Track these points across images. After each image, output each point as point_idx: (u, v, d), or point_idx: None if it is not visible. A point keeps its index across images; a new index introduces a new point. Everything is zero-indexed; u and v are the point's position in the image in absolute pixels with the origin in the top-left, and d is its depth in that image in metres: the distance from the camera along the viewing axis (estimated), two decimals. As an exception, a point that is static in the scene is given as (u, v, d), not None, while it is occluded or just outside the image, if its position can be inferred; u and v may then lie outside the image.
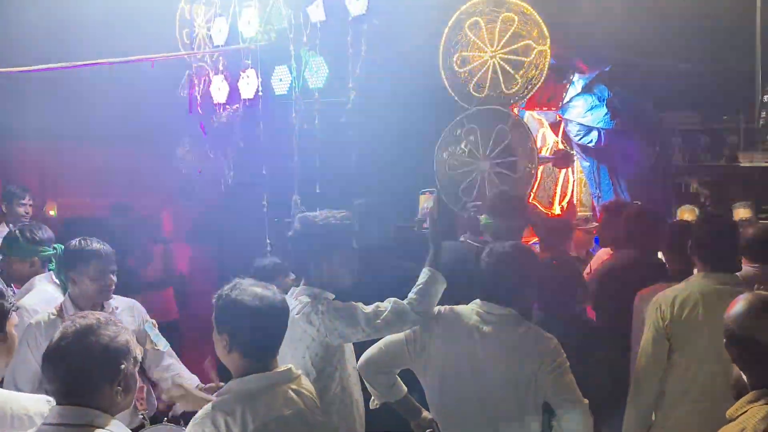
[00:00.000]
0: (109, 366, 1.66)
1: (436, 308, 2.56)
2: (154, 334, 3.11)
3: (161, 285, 5.24)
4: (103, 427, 1.63)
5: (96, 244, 2.96)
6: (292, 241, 2.62)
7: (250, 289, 1.96)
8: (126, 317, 3.01)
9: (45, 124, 5.46)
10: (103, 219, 5.36)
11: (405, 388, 2.67)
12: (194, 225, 5.76)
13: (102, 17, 5.17)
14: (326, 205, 3.40)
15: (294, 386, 2.00)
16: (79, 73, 4.48)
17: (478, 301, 2.53)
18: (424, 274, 2.60)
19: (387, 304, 2.52)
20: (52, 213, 6.33)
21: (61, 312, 2.91)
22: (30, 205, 5.07)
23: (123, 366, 1.68)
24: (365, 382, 2.62)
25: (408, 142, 4.60)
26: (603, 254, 4.11)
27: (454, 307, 2.56)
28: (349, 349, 2.62)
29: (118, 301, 3.09)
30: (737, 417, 1.80)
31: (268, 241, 4.75)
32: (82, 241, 2.97)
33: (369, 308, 2.52)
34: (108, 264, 2.96)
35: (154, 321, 3.20)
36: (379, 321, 2.48)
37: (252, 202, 4.87)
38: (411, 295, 2.55)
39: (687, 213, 5.29)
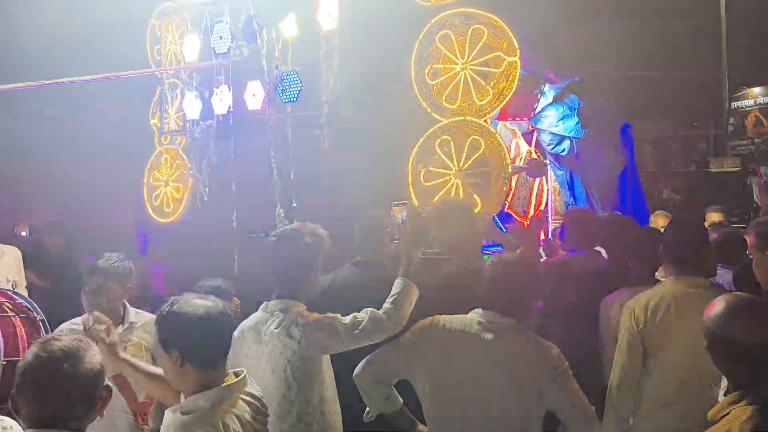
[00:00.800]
0: (84, 390, 1.65)
1: (436, 317, 2.55)
2: None
3: (138, 304, 5.16)
4: None
5: (101, 261, 2.97)
6: (274, 254, 2.60)
7: (191, 301, 1.94)
8: (142, 333, 3.00)
9: (15, 142, 5.39)
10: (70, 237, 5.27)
11: (401, 400, 2.65)
12: (170, 242, 5.70)
13: (72, 36, 5.14)
14: (304, 218, 3.41)
15: (246, 390, 2.01)
16: (51, 91, 4.43)
17: (479, 310, 2.52)
18: (397, 285, 2.61)
19: (364, 315, 2.52)
20: (23, 234, 6.23)
21: (85, 323, 2.80)
22: None
23: (96, 389, 1.67)
24: (361, 394, 2.60)
25: (383, 154, 4.61)
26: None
27: (454, 316, 2.56)
28: (326, 360, 2.61)
29: (138, 317, 3.09)
30: (720, 419, 1.81)
31: (235, 257, 4.74)
32: (97, 257, 2.98)
33: (347, 319, 2.52)
34: (108, 279, 2.94)
35: None
36: (357, 331, 2.49)
37: (225, 217, 4.85)
38: (386, 305, 2.56)
39: (660, 218, 5.36)
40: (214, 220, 5.00)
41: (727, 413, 1.79)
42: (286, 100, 4.53)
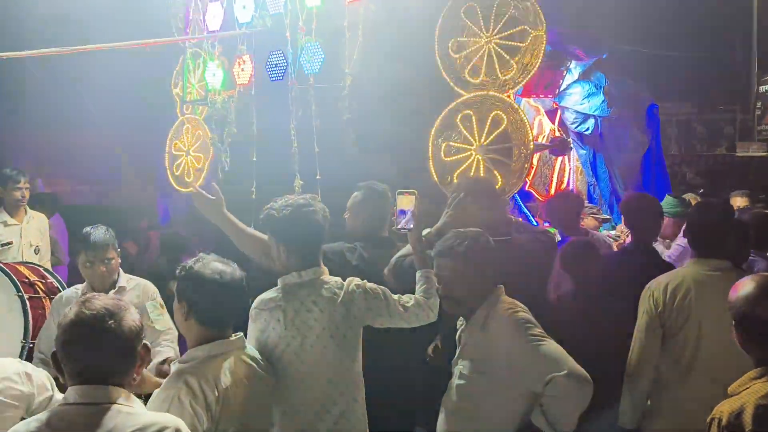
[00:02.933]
0: (127, 346, 1.71)
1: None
2: (156, 314, 3.19)
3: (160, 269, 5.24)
4: (122, 404, 1.67)
5: (89, 234, 3.16)
6: (309, 222, 2.57)
7: (212, 264, 2.14)
8: (131, 296, 3.20)
9: (40, 111, 5.44)
10: (95, 204, 5.35)
11: None
12: (191, 212, 5.73)
13: (97, 4, 5.14)
14: (326, 190, 3.43)
15: (246, 353, 2.21)
16: (73, 60, 4.45)
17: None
18: (424, 277, 2.68)
19: (409, 298, 2.63)
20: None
21: (85, 291, 3.17)
22: (26, 189, 5.06)
23: (137, 346, 1.74)
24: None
25: (404, 128, 4.58)
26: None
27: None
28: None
29: (130, 282, 3.30)
30: (740, 392, 1.80)
31: (251, 226, 4.75)
32: (85, 230, 3.18)
33: (395, 296, 2.62)
34: (98, 252, 3.15)
35: (161, 303, 3.32)
36: (402, 310, 2.59)
37: (245, 188, 4.86)
38: (423, 295, 2.65)
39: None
40: (234, 191, 5.01)
41: (747, 388, 1.79)
42: (309, 72, 4.49)
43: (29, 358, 3.15)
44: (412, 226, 2.71)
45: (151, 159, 6.00)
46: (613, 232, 5.01)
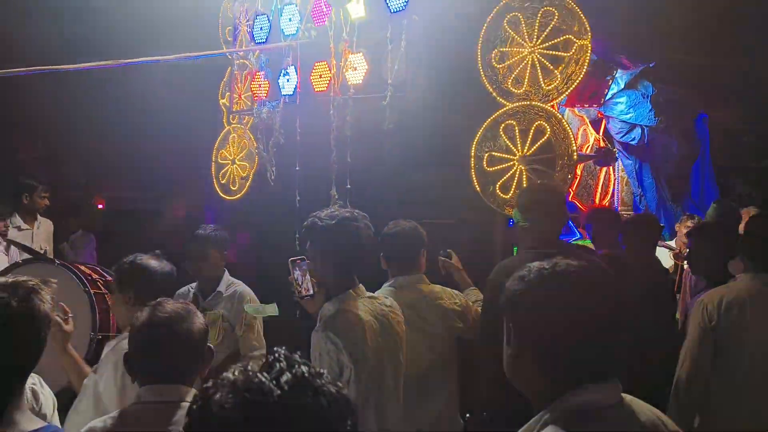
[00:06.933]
0: (196, 348, 1.80)
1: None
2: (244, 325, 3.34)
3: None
4: (188, 401, 1.74)
5: (200, 230, 3.53)
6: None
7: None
8: (227, 303, 3.43)
9: (94, 121, 5.64)
10: (149, 210, 5.52)
11: None
12: (234, 220, 5.86)
13: (148, 18, 5.31)
14: (358, 200, 3.46)
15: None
16: (125, 73, 4.60)
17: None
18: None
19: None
20: (100, 207, 6.53)
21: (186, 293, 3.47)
22: (47, 197, 5.34)
23: (204, 348, 1.84)
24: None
25: (445, 138, 4.59)
26: None
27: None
28: None
29: (230, 288, 3.51)
30: None
31: (297, 236, 4.83)
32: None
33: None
34: (208, 247, 3.45)
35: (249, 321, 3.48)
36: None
37: (289, 196, 4.94)
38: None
39: (744, 213, 5.15)
40: (278, 199, 5.10)
41: None
42: (351, 82, 4.55)
43: (98, 351, 3.23)
44: (313, 292, 2.54)
45: (197, 168, 6.15)
46: (672, 243, 4.90)
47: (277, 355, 0.94)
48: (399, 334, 2.51)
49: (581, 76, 4.18)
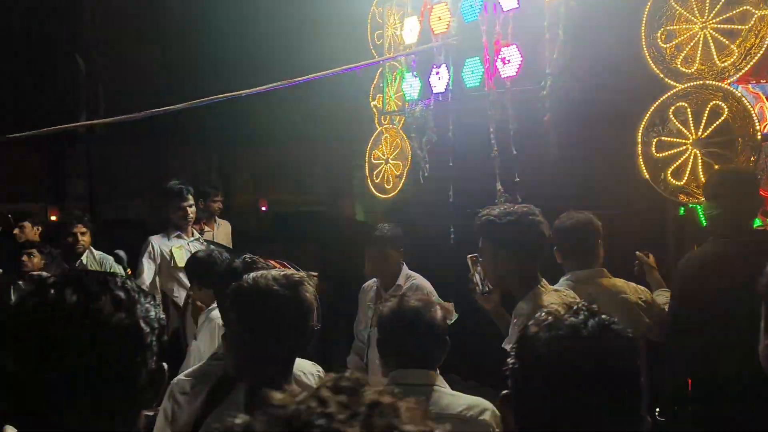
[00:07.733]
0: (440, 335, 1.98)
1: None
2: None
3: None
4: (440, 385, 1.93)
5: (377, 230, 3.80)
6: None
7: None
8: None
9: (257, 130, 6.06)
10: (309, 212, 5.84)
11: None
12: (388, 213, 6.00)
13: (296, 26, 5.61)
14: (527, 193, 3.42)
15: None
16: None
17: None
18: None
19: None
20: (263, 209, 7.03)
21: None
22: (220, 200, 5.77)
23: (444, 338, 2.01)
24: None
25: (607, 126, 4.41)
26: None
27: None
28: None
29: (409, 281, 3.72)
30: None
31: (451, 229, 4.88)
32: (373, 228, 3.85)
33: None
34: (386, 247, 3.74)
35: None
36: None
37: (443, 193, 5.01)
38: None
39: None
40: (432, 195, 5.18)
41: None
42: (506, 75, 4.51)
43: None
44: (488, 288, 2.63)
45: (348, 169, 6.41)
46: None
47: (580, 305, 1.13)
48: None
49: (763, 49, 3.85)
